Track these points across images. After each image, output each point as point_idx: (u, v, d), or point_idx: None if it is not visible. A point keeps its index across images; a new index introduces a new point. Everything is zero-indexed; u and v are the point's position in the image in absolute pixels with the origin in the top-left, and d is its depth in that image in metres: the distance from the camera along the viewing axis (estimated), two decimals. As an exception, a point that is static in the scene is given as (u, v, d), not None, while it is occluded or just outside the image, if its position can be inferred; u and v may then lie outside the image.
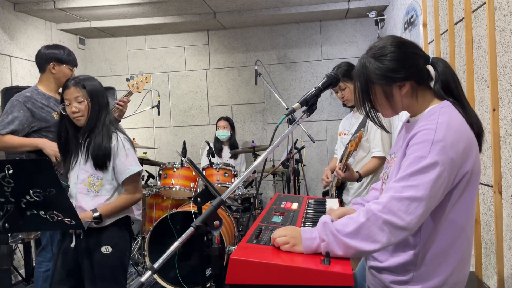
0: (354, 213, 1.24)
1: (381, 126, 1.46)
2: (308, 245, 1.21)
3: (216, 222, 1.19)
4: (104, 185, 2.08)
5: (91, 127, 2.07)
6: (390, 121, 2.83)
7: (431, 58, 1.35)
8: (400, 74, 1.30)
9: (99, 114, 2.08)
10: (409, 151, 1.24)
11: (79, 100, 2.04)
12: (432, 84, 1.37)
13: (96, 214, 2.01)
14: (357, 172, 2.47)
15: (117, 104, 2.71)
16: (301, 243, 1.22)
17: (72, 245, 2.03)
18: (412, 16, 3.48)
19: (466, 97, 2.28)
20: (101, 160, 2.04)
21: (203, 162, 4.45)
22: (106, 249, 2.05)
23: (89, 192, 2.06)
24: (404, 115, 1.48)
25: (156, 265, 1.08)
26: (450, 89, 1.33)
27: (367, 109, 1.39)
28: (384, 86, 1.32)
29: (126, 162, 2.08)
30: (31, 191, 1.61)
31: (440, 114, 1.25)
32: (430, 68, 1.39)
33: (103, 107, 2.11)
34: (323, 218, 1.26)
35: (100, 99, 2.10)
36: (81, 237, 2.04)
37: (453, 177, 1.21)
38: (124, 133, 2.17)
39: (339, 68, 2.66)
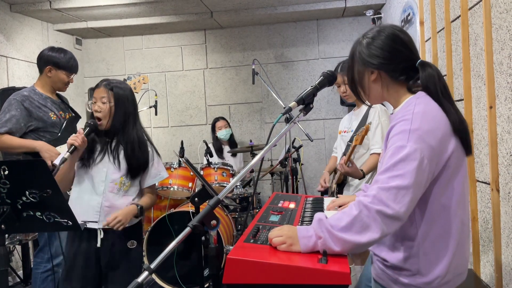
0: (347, 207, 1.25)
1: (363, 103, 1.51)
2: (305, 243, 1.21)
3: (213, 222, 1.19)
4: (132, 186, 2.19)
5: (115, 131, 2.13)
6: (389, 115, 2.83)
7: (418, 62, 1.35)
8: (373, 61, 1.36)
9: (124, 120, 2.12)
10: (390, 143, 1.27)
11: (103, 101, 2.10)
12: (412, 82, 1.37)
13: (140, 206, 2.14)
14: (361, 170, 2.48)
15: None
16: (298, 242, 1.22)
17: (98, 244, 2.08)
18: (409, 14, 3.48)
19: (463, 95, 2.26)
20: (137, 171, 2.17)
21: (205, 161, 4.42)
22: (131, 243, 2.16)
23: (119, 191, 2.14)
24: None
25: (153, 266, 1.08)
26: (429, 92, 1.33)
27: (356, 89, 1.44)
28: (359, 66, 1.40)
29: (158, 168, 2.25)
30: (27, 192, 1.60)
31: (416, 104, 1.28)
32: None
33: (130, 114, 2.15)
34: (317, 215, 1.27)
35: (127, 105, 2.14)
36: (105, 236, 2.09)
37: (435, 163, 1.23)
38: (151, 141, 2.28)
39: (344, 63, 2.69)
